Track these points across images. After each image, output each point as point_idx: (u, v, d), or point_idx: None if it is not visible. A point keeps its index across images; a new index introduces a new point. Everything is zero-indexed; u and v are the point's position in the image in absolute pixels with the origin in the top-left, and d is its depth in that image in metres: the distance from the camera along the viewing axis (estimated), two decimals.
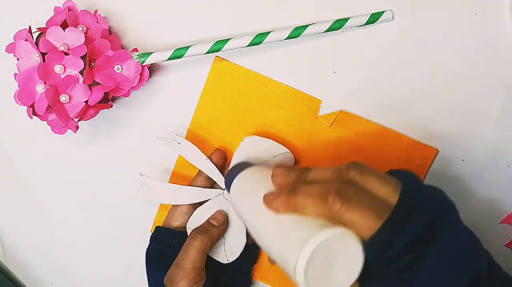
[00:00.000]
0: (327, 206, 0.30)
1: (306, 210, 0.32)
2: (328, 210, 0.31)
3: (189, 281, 0.42)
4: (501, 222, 0.47)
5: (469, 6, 0.44)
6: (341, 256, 0.29)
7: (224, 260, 0.45)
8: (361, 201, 0.30)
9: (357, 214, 0.30)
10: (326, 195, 0.31)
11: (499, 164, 0.46)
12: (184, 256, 0.43)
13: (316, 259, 0.29)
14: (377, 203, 0.31)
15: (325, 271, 0.29)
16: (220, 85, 0.47)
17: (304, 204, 0.32)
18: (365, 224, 0.30)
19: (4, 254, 0.55)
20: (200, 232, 0.44)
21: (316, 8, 0.45)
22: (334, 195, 0.30)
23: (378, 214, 0.30)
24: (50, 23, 0.44)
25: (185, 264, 0.42)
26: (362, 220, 0.30)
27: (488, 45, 0.44)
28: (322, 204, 0.31)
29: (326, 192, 0.31)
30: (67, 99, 0.43)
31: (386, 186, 0.31)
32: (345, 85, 0.46)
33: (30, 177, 0.52)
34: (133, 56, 0.44)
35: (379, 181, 0.32)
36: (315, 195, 0.31)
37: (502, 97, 0.45)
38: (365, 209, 0.30)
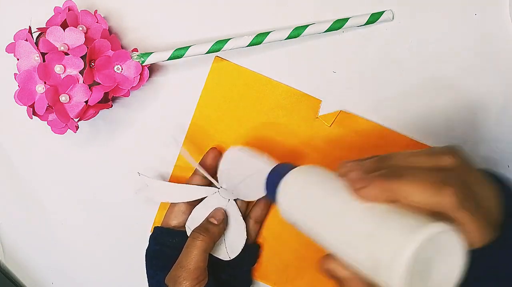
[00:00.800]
0: (440, 196, 0.27)
1: (411, 197, 0.27)
2: (439, 202, 0.27)
3: (192, 281, 0.41)
4: None
5: (469, 6, 0.44)
6: (443, 255, 0.26)
7: (225, 257, 0.45)
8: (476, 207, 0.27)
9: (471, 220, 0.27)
10: (442, 185, 0.27)
11: (499, 164, 0.46)
12: (186, 257, 0.42)
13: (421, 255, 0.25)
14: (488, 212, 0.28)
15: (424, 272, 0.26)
16: (220, 85, 0.47)
17: (410, 190, 0.27)
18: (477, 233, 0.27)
19: (4, 254, 0.55)
20: (201, 231, 0.43)
21: (316, 8, 0.45)
22: (452, 189, 0.27)
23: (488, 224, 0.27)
24: (50, 23, 0.44)
25: (188, 265, 0.42)
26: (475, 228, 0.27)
27: (488, 45, 0.44)
28: (436, 193, 0.27)
29: (441, 181, 0.27)
30: (67, 99, 0.43)
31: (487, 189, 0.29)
32: (345, 85, 0.46)
33: (30, 177, 0.52)
34: (133, 56, 0.44)
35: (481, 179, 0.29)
36: (427, 181, 0.27)
37: (502, 97, 0.45)
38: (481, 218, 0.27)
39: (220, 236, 0.45)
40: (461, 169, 0.29)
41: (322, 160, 0.47)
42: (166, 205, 0.50)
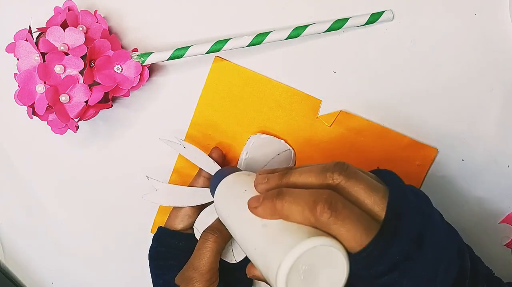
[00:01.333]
0: (315, 215, 0.29)
1: (292, 217, 0.31)
2: (315, 220, 0.30)
3: (205, 283, 0.42)
4: (501, 222, 0.47)
5: (469, 6, 0.44)
6: (325, 267, 0.29)
7: (232, 260, 0.45)
8: (350, 214, 0.29)
9: (345, 228, 0.29)
10: (314, 204, 0.30)
11: (499, 164, 0.46)
12: (200, 258, 0.42)
13: (300, 267, 0.28)
14: (365, 217, 0.30)
15: (307, 281, 0.29)
16: (220, 85, 0.47)
17: (290, 210, 0.31)
18: (353, 239, 0.29)
19: (4, 254, 0.55)
20: (213, 232, 0.43)
21: (316, 8, 0.45)
22: (323, 205, 0.29)
23: (366, 230, 0.29)
24: (50, 23, 0.44)
25: (202, 266, 0.42)
26: (351, 234, 0.29)
27: (488, 45, 0.44)
28: (310, 212, 0.30)
29: (314, 201, 0.30)
30: (67, 99, 0.43)
31: (374, 195, 0.31)
32: (345, 85, 0.46)
33: (30, 177, 0.52)
34: (133, 56, 0.44)
35: (367, 189, 0.31)
36: (302, 202, 0.30)
37: (502, 97, 0.45)
38: (354, 224, 0.29)
39: (230, 238, 0.45)
40: (343, 183, 0.31)
41: (322, 159, 0.47)
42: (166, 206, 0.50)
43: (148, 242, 0.50)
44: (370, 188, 0.31)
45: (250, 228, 0.33)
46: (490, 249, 0.47)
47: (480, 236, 0.47)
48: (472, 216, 0.47)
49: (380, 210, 0.31)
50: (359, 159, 0.46)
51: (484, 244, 0.47)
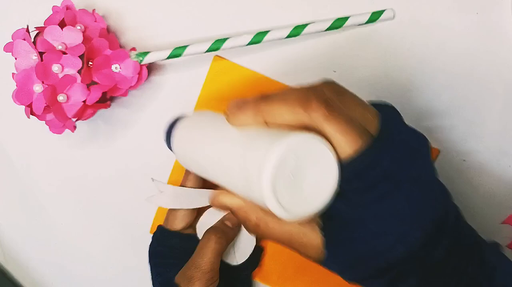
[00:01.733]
0: (308, 111, 0.26)
1: (281, 117, 0.27)
2: (307, 118, 0.27)
3: (205, 282, 0.41)
4: (502, 222, 0.46)
5: (470, 5, 0.44)
6: (314, 169, 0.26)
7: (233, 262, 0.45)
8: (346, 116, 0.27)
9: (340, 129, 0.26)
10: (308, 100, 0.27)
11: (500, 165, 0.45)
12: (202, 257, 0.42)
13: (287, 165, 0.25)
14: (359, 124, 0.27)
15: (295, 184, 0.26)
16: (219, 84, 0.47)
17: (279, 110, 0.27)
18: (348, 141, 0.26)
19: (4, 254, 0.55)
20: (216, 232, 0.43)
21: (316, 7, 0.45)
22: (319, 101, 0.26)
23: (360, 135, 0.27)
24: (48, 22, 0.44)
25: (204, 265, 0.42)
26: (345, 136, 0.26)
27: (490, 44, 0.44)
28: (302, 108, 0.27)
29: (307, 97, 0.27)
30: (65, 98, 0.43)
31: (366, 111, 0.28)
32: (345, 84, 0.45)
33: (29, 177, 0.52)
34: (132, 56, 0.44)
35: (359, 104, 0.29)
36: (292, 99, 0.27)
37: (502, 97, 0.44)
38: (350, 126, 0.27)
39: (233, 239, 0.45)
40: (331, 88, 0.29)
41: None
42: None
43: (148, 241, 0.50)
44: (363, 104, 0.29)
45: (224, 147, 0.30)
46: None
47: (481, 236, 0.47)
48: (473, 217, 0.46)
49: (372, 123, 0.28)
50: None
51: None
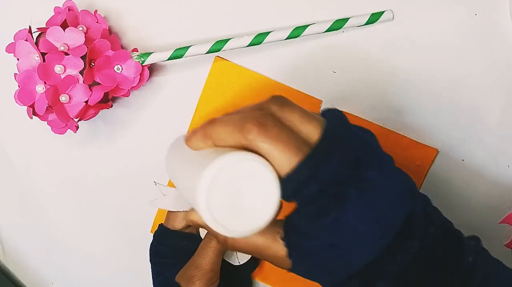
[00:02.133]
0: (243, 133, 0.28)
1: (222, 140, 0.29)
2: (244, 139, 0.28)
3: (206, 282, 0.41)
4: (501, 222, 0.47)
5: (469, 6, 0.44)
6: (254, 188, 0.27)
7: (235, 262, 0.45)
8: (280, 133, 0.28)
9: (274, 147, 0.27)
10: (244, 123, 0.28)
11: (499, 164, 0.46)
12: (203, 257, 0.42)
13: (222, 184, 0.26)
14: (297, 138, 0.28)
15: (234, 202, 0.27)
16: (220, 85, 0.47)
17: (220, 132, 0.29)
18: (283, 159, 0.27)
19: (4, 254, 0.55)
20: None
21: (316, 8, 0.45)
22: (252, 123, 0.28)
23: (297, 150, 0.27)
24: (50, 23, 0.44)
25: (204, 265, 0.42)
26: (280, 154, 0.27)
27: (488, 45, 0.44)
28: (238, 131, 0.28)
29: (244, 120, 0.28)
30: (67, 99, 0.43)
31: (310, 123, 0.29)
32: (345, 85, 0.46)
33: (30, 177, 0.52)
34: (133, 56, 0.44)
35: (302, 116, 0.29)
36: (232, 123, 0.29)
37: (502, 97, 0.45)
38: (284, 143, 0.27)
39: None
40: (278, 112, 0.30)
41: None
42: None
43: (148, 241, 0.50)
44: (306, 116, 0.30)
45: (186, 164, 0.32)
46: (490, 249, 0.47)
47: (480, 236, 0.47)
48: (472, 216, 0.47)
49: (314, 135, 0.29)
50: None
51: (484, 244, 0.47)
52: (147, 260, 0.49)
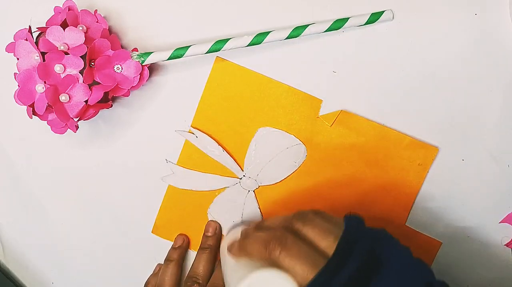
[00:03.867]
0: (268, 251, 0.34)
1: (252, 255, 0.35)
2: (268, 256, 0.34)
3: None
4: (501, 221, 0.47)
5: (469, 6, 0.44)
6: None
7: None
8: (299, 250, 0.33)
9: (294, 262, 0.32)
10: (268, 242, 0.34)
11: (499, 164, 0.46)
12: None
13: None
14: (315, 254, 0.33)
15: None
16: (221, 85, 0.47)
17: (250, 249, 0.35)
18: (302, 273, 0.32)
19: (4, 254, 0.55)
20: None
21: (316, 8, 0.45)
22: (274, 242, 0.34)
23: (314, 265, 0.32)
24: (50, 23, 0.44)
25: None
26: (299, 268, 0.32)
27: (488, 45, 0.44)
28: (264, 248, 0.34)
29: (268, 239, 0.34)
30: (67, 98, 0.43)
31: (327, 238, 0.34)
32: (346, 85, 0.46)
33: (30, 177, 0.52)
34: (133, 56, 0.44)
35: (320, 233, 0.34)
36: (260, 241, 0.35)
37: (502, 97, 0.45)
38: (302, 259, 0.32)
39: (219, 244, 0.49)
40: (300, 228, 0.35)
41: (323, 159, 0.47)
42: (166, 207, 0.50)
43: (148, 241, 0.50)
44: (324, 231, 0.34)
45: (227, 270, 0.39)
46: (490, 249, 0.47)
47: (480, 235, 0.47)
48: (472, 216, 0.47)
49: (331, 250, 0.33)
50: (360, 159, 0.46)
51: (484, 243, 0.47)
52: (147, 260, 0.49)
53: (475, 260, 0.47)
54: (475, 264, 0.47)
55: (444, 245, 0.47)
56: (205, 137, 0.48)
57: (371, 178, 0.47)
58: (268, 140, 0.47)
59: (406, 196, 0.47)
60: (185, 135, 0.48)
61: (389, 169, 0.46)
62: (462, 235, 0.47)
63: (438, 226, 0.47)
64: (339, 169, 0.47)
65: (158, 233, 0.51)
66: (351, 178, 0.47)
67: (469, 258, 0.47)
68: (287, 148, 0.47)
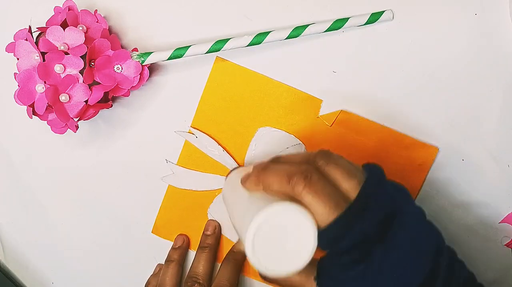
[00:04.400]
0: (291, 184, 0.31)
1: (272, 187, 0.33)
2: (290, 190, 0.31)
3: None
4: (501, 221, 0.47)
5: (469, 6, 0.44)
6: (294, 234, 0.30)
7: None
8: (323, 188, 0.31)
9: (316, 200, 0.30)
10: (292, 175, 0.31)
11: (499, 164, 0.46)
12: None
13: (267, 229, 0.30)
14: (338, 194, 0.31)
15: (276, 246, 0.30)
16: (221, 85, 0.47)
17: (270, 181, 0.33)
18: (322, 212, 0.30)
19: (4, 254, 0.55)
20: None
21: (316, 8, 0.45)
22: (299, 176, 0.31)
23: (336, 206, 0.30)
24: (50, 23, 0.44)
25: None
26: (320, 207, 0.30)
27: (488, 45, 0.44)
28: (286, 182, 0.32)
29: (292, 172, 0.32)
30: (67, 98, 0.43)
31: (350, 180, 0.32)
32: (346, 85, 0.46)
33: (30, 177, 0.52)
34: (133, 56, 0.44)
35: (344, 173, 0.32)
36: (282, 173, 0.32)
37: (502, 97, 0.45)
38: (326, 197, 0.30)
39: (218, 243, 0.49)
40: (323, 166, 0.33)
41: None
42: (166, 207, 0.50)
43: (149, 241, 0.50)
44: (348, 173, 0.32)
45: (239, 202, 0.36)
46: (490, 249, 0.47)
47: (480, 235, 0.47)
48: (472, 216, 0.47)
49: (353, 193, 0.32)
50: (360, 159, 0.46)
51: (484, 243, 0.47)
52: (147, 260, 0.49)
53: (475, 260, 0.47)
54: (475, 264, 0.47)
55: None
56: (205, 137, 0.48)
57: None
58: (268, 140, 0.47)
59: None
60: (185, 135, 0.48)
61: (389, 169, 0.46)
62: (462, 235, 0.47)
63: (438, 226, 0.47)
64: None
65: (158, 233, 0.51)
66: None
67: (469, 258, 0.47)
68: (287, 148, 0.47)
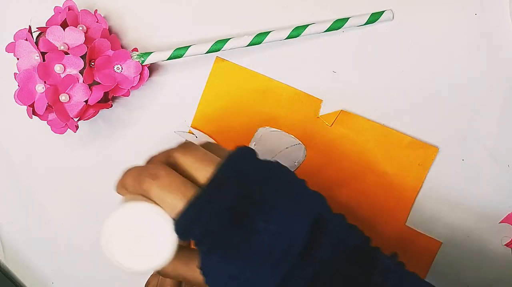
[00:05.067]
0: (140, 184, 0.31)
1: (129, 189, 0.33)
2: (140, 188, 0.31)
3: None
4: (501, 221, 0.47)
5: (469, 6, 0.44)
6: (151, 231, 0.31)
7: None
8: (172, 182, 0.30)
9: (163, 193, 0.30)
10: (140, 174, 0.32)
11: (499, 164, 0.46)
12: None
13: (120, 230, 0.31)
14: (190, 185, 0.31)
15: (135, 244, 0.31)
16: (221, 85, 0.47)
17: (126, 183, 0.33)
18: (171, 204, 0.30)
19: (4, 254, 0.55)
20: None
21: (316, 8, 0.45)
22: (145, 174, 0.31)
23: (183, 196, 0.30)
24: (50, 23, 0.44)
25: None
26: (168, 199, 0.30)
27: (488, 45, 0.44)
28: (135, 181, 0.32)
29: (141, 171, 0.32)
30: (67, 98, 0.43)
31: (206, 168, 0.31)
32: (346, 85, 0.46)
33: (30, 177, 0.52)
34: (133, 56, 0.44)
35: (200, 163, 0.32)
36: (133, 174, 0.32)
37: (502, 97, 0.45)
38: (174, 191, 0.30)
39: None
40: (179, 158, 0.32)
41: (323, 159, 0.47)
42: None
43: None
44: (203, 161, 0.32)
45: None
46: (490, 249, 0.47)
47: (480, 235, 0.47)
48: (472, 216, 0.47)
49: (203, 181, 0.31)
50: (360, 159, 0.46)
51: (484, 243, 0.47)
52: None
53: (475, 260, 0.47)
54: (475, 264, 0.47)
55: (444, 245, 0.47)
56: (205, 137, 0.48)
57: (371, 178, 0.47)
58: (268, 140, 0.47)
59: (406, 196, 0.47)
60: (185, 135, 0.48)
61: (389, 169, 0.46)
62: (462, 235, 0.47)
63: (438, 226, 0.47)
64: (339, 169, 0.47)
65: None
66: (351, 178, 0.47)
67: (469, 258, 0.47)
68: (287, 148, 0.47)
